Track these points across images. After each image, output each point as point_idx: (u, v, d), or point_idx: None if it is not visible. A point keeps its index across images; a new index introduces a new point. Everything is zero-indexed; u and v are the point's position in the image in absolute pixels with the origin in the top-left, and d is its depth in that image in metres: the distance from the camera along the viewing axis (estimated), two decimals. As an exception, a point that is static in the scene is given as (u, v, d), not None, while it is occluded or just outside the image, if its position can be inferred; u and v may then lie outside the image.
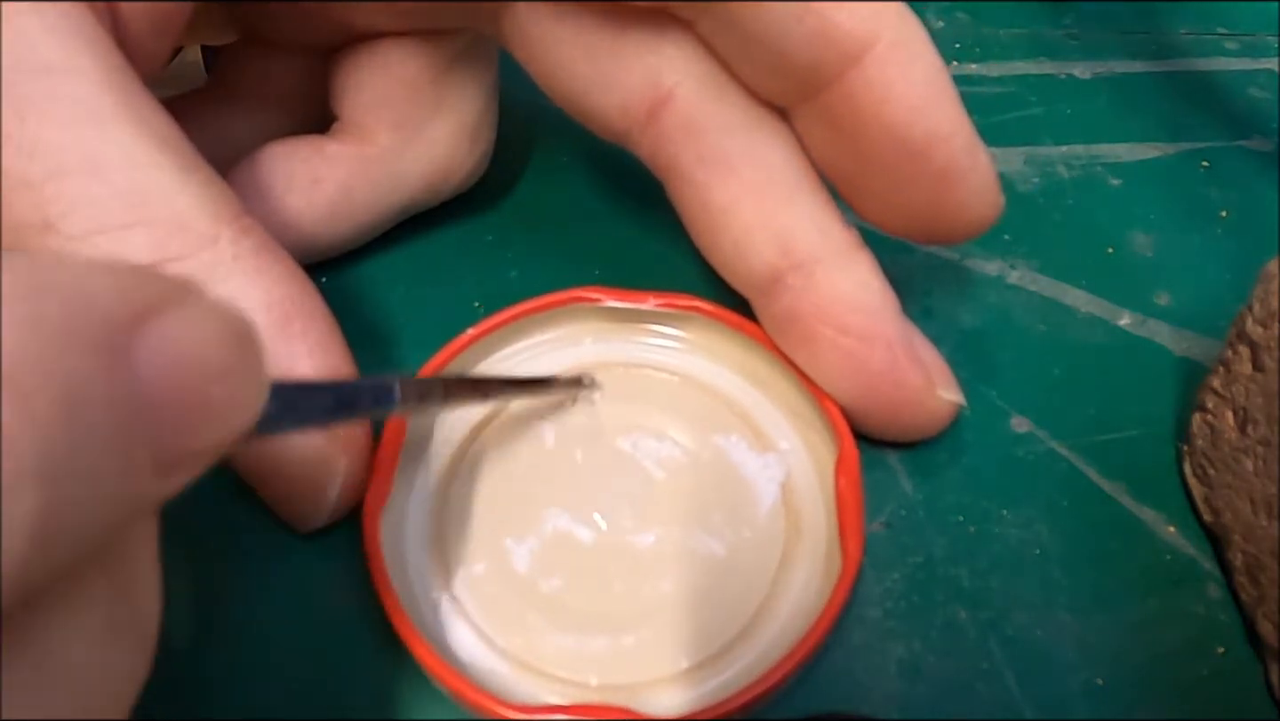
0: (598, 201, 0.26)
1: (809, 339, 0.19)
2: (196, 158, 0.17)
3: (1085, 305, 0.24)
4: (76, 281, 0.09)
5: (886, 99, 0.17)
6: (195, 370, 0.10)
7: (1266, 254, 0.19)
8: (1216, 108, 0.29)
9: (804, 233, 0.19)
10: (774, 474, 0.20)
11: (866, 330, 0.19)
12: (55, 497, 0.09)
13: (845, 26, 0.16)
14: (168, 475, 0.10)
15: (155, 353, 0.10)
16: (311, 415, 0.13)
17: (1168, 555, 0.19)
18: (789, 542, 0.19)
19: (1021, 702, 0.17)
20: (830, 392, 0.19)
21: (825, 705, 0.17)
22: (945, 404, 0.19)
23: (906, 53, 0.17)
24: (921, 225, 0.19)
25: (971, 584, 0.19)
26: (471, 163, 0.23)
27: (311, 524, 0.18)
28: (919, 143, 0.17)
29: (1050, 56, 0.31)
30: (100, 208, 0.15)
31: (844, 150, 0.18)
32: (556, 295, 0.21)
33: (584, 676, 0.17)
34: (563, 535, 0.19)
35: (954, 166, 0.17)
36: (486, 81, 0.23)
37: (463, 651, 0.17)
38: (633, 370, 0.21)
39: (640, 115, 0.19)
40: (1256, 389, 0.18)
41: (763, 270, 0.19)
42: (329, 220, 0.22)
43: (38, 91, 0.15)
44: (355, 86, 0.22)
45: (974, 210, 0.18)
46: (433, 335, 0.20)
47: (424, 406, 0.16)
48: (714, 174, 0.19)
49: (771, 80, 0.18)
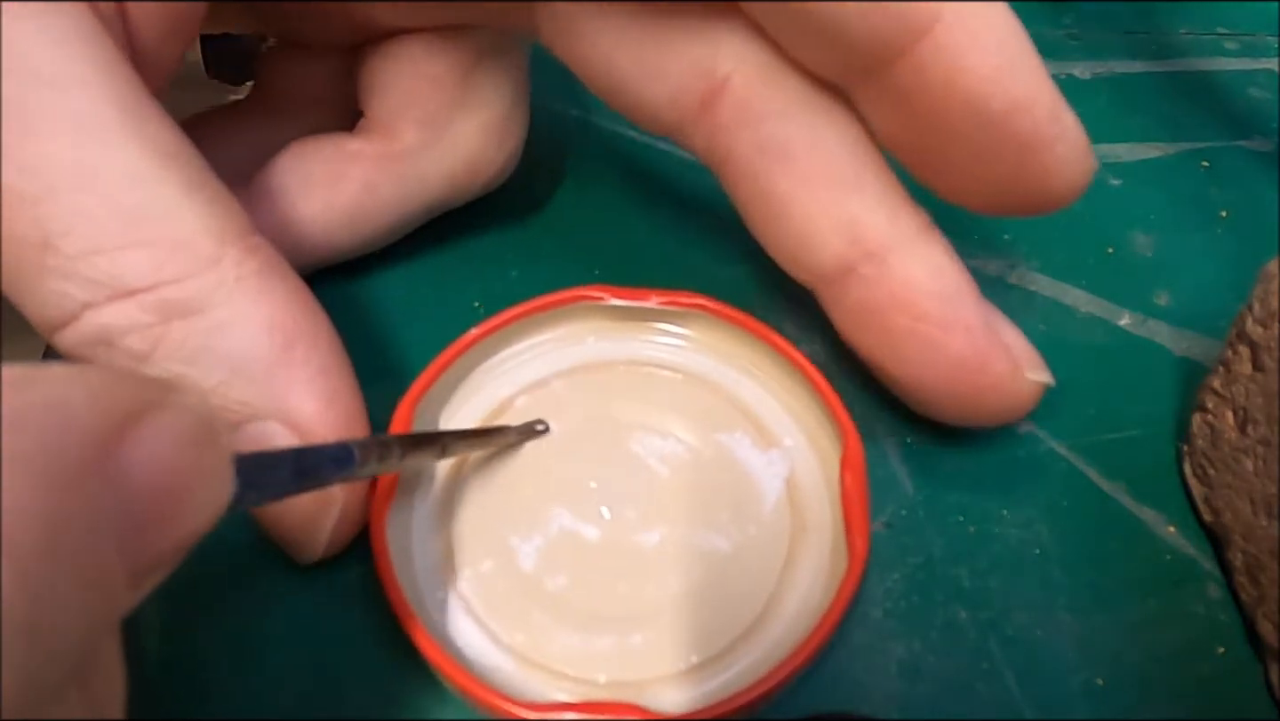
0: (598, 201, 0.26)
1: (885, 329, 0.18)
2: (204, 173, 0.16)
3: (1085, 305, 0.24)
4: (52, 401, 0.09)
5: (960, 69, 0.16)
6: (171, 475, 0.10)
7: (1266, 254, 0.19)
8: (1216, 108, 0.29)
9: (873, 219, 0.18)
10: (778, 470, 0.20)
11: (945, 316, 0.18)
12: (41, 639, 0.08)
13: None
14: (140, 583, 0.10)
15: (134, 464, 0.10)
16: (273, 488, 0.13)
17: (1168, 555, 0.19)
18: (794, 539, 0.19)
19: (1021, 702, 0.17)
20: (911, 382, 0.19)
21: (826, 705, 0.17)
22: (1032, 385, 0.19)
23: (978, 18, 0.16)
24: (1008, 198, 0.17)
25: (971, 584, 0.19)
26: (500, 161, 0.22)
27: (308, 556, 0.18)
28: (998, 113, 0.16)
29: (1050, 56, 0.31)
30: (99, 226, 0.15)
31: (916, 127, 0.17)
32: (559, 294, 0.21)
33: (592, 674, 0.17)
34: (568, 533, 0.19)
35: (1039, 135, 0.16)
36: (515, 79, 0.22)
37: (470, 650, 0.17)
38: (636, 368, 0.21)
39: (693, 106, 0.18)
40: (1256, 389, 0.18)
41: (832, 261, 0.18)
42: (352, 219, 0.21)
43: (39, 105, 0.15)
44: (380, 84, 0.21)
45: (1063, 178, 0.17)
46: (433, 336, 0.20)
47: (384, 466, 0.16)
48: (775, 163, 0.18)
49: (832, 59, 0.17)
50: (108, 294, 0.15)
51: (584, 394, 0.21)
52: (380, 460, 0.16)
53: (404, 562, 0.18)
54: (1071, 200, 0.17)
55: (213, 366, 0.16)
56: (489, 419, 0.20)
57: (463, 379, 0.20)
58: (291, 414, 0.16)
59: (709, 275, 0.21)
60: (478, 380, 0.21)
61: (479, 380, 0.21)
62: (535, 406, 0.20)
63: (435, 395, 0.20)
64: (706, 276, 0.22)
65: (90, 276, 0.15)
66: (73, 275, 0.15)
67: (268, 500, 0.13)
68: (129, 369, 0.15)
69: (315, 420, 0.17)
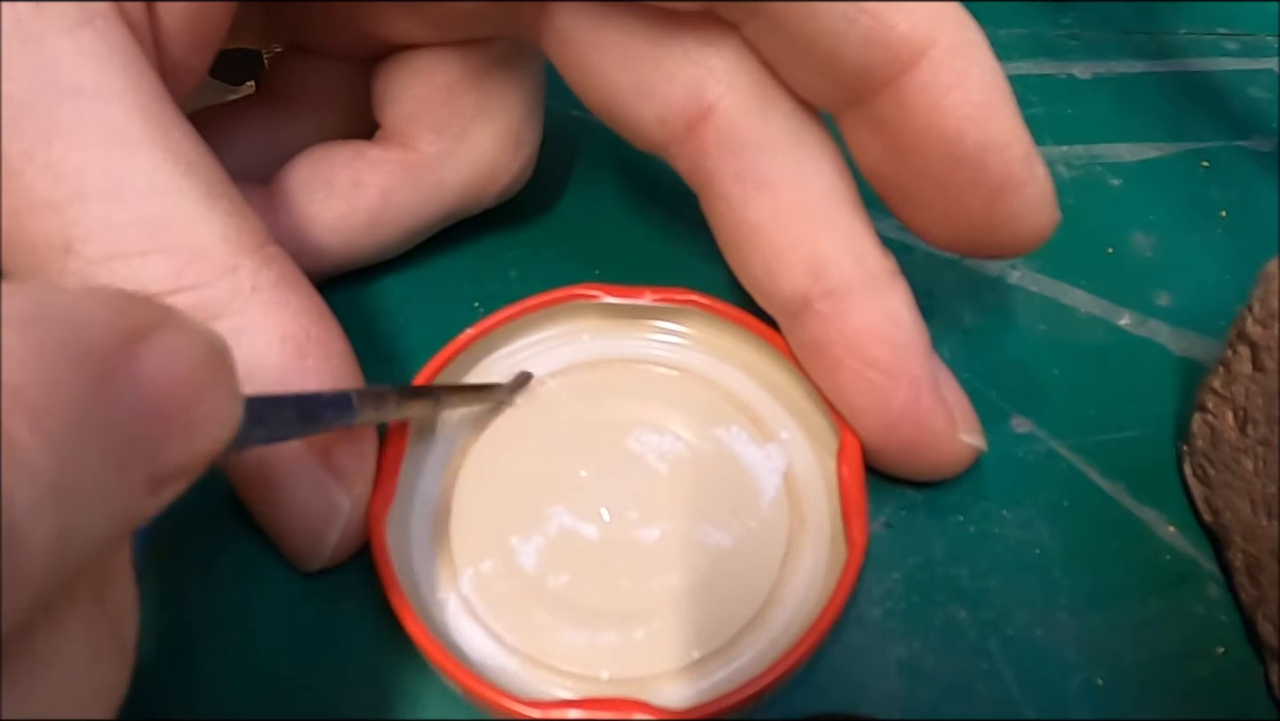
0: (598, 202, 0.26)
1: (834, 368, 0.19)
2: (224, 184, 0.17)
3: (1085, 305, 0.24)
4: (71, 307, 0.10)
5: (941, 105, 0.16)
6: (183, 387, 0.11)
7: (1266, 254, 0.19)
8: (1216, 108, 0.29)
9: (838, 258, 0.18)
10: (776, 464, 0.20)
11: (892, 366, 0.18)
12: (69, 518, 0.09)
13: (900, 29, 0.16)
14: (158, 491, 0.10)
15: (148, 372, 0.10)
16: (278, 427, 0.14)
17: (1168, 555, 0.19)
18: (793, 532, 0.19)
19: (1021, 702, 0.17)
20: (852, 424, 0.19)
21: (825, 705, 0.17)
22: (966, 447, 0.19)
23: (964, 57, 0.16)
24: (973, 238, 0.18)
25: (971, 584, 0.19)
26: (515, 169, 0.23)
27: (312, 564, 0.18)
28: (973, 152, 0.16)
29: (1050, 56, 0.31)
30: (120, 233, 0.15)
31: (894, 158, 0.17)
32: (554, 293, 0.21)
33: (594, 671, 0.17)
34: (568, 532, 0.19)
35: (1010, 177, 0.17)
36: (529, 87, 0.22)
37: (472, 649, 0.17)
38: (632, 365, 0.21)
39: (679, 128, 0.19)
40: (1256, 389, 0.18)
41: (792, 293, 0.19)
42: (370, 225, 0.21)
43: (66, 114, 0.15)
44: (395, 94, 0.22)
45: (1029, 223, 0.17)
46: (433, 335, 0.20)
47: (381, 415, 0.17)
48: (750, 191, 0.18)
49: (820, 84, 0.17)
50: None
51: (580, 392, 0.21)
52: (377, 408, 0.16)
53: (404, 562, 0.18)
54: (1034, 247, 0.18)
55: None
56: (486, 418, 0.20)
57: (459, 379, 0.20)
58: None
59: (710, 275, 0.21)
60: (474, 380, 0.21)
61: (475, 380, 0.21)
62: (531, 405, 0.20)
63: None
64: (707, 277, 0.22)
65: (109, 281, 0.15)
66: (92, 280, 0.15)
67: (274, 439, 0.14)
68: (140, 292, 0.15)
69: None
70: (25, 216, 0.15)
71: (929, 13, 0.16)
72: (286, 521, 0.17)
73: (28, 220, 0.15)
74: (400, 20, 0.20)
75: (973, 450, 0.19)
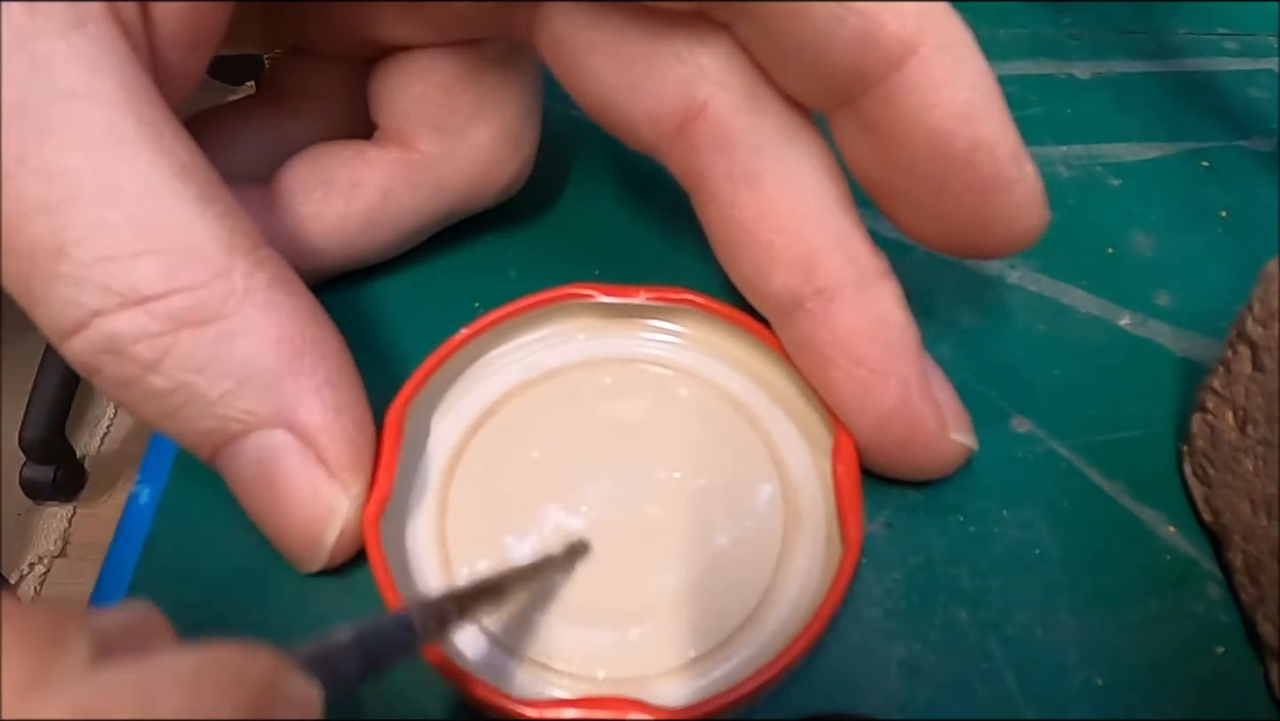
0: (598, 202, 0.26)
1: (825, 367, 0.19)
2: (217, 186, 0.17)
3: (1085, 305, 0.24)
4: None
5: (930, 104, 0.16)
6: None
7: (1266, 254, 0.19)
8: (1216, 108, 0.29)
9: (828, 257, 0.18)
10: (771, 464, 0.20)
11: (882, 365, 0.18)
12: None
13: (889, 28, 0.16)
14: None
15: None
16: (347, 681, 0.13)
17: (1168, 555, 0.19)
18: (789, 530, 0.19)
19: (1021, 702, 0.17)
20: (844, 423, 0.19)
21: (825, 705, 0.17)
22: (956, 447, 0.19)
23: (952, 57, 0.16)
24: (963, 238, 0.18)
25: (971, 584, 0.19)
26: (514, 168, 0.23)
27: (310, 566, 0.18)
28: (963, 150, 0.16)
29: (1050, 56, 0.31)
30: (113, 235, 0.15)
31: (883, 158, 0.17)
32: (548, 292, 0.21)
33: (591, 670, 0.17)
34: (563, 531, 0.19)
35: (999, 177, 0.17)
36: (528, 87, 0.22)
37: (468, 648, 0.17)
38: (628, 365, 0.21)
39: (671, 127, 0.19)
40: (1256, 389, 0.18)
41: (782, 292, 0.19)
42: (368, 224, 0.21)
43: (59, 116, 0.15)
44: (393, 93, 0.22)
45: (1018, 223, 0.17)
46: (432, 335, 0.20)
47: (445, 631, 0.15)
48: (741, 191, 0.18)
49: (810, 84, 0.17)
50: (118, 301, 0.15)
51: (575, 391, 0.21)
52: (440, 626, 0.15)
53: (399, 563, 0.18)
54: (1023, 247, 0.18)
55: (220, 375, 0.16)
56: (481, 418, 0.20)
57: (454, 379, 0.21)
58: (299, 424, 0.17)
59: (711, 276, 0.21)
60: (469, 380, 0.21)
61: (470, 380, 0.21)
62: (527, 405, 0.20)
63: (426, 397, 0.20)
64: (708, 277, 0.22)
65: (102, 283, 0.15)
66: (85, 282, 0.15)
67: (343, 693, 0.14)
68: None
69: (322, 431, 0.17)
70: (17, 220, 0.15)
71: (917, 12, 0.16)
72: (285, 524, 0.17)
73: (20, 224, 0.15)
74: (393, 21, 0.20)
75: (964, 449, 0.19)
